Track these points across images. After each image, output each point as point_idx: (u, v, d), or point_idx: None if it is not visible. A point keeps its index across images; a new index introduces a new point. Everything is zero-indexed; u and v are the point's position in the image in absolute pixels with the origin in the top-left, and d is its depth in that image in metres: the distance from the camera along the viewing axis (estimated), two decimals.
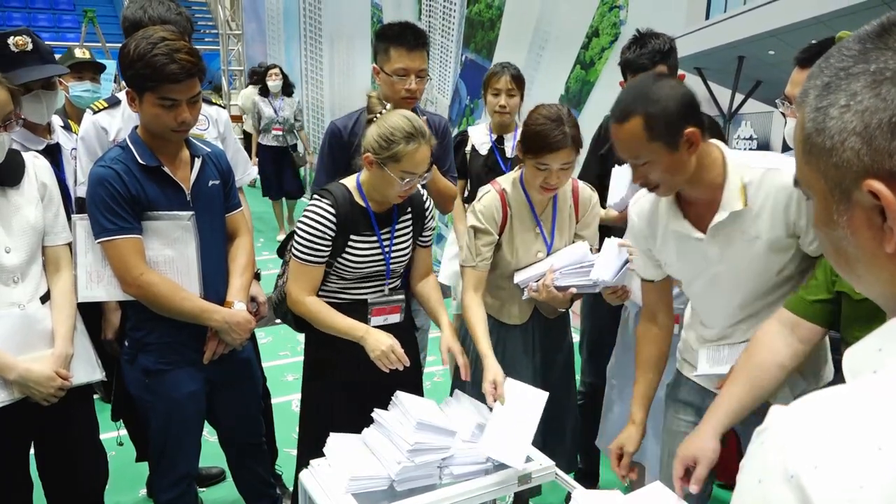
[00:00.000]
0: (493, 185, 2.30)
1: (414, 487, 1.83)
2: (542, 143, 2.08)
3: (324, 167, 2.66)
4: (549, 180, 2.14)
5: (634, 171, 1.63)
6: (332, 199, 2.08)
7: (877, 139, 0.57)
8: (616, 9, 4.41)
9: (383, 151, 1.99)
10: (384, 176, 2.02)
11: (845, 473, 0.49)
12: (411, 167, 2.00)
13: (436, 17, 6.31)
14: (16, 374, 1.91)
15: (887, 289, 0.61)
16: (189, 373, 2.15)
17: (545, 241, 2.30)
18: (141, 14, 2.40)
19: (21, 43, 2.36)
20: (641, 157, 1.58)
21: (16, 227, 1.96)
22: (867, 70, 0.58)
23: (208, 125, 2.62)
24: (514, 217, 2.27)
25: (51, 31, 13.65)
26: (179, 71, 1.91)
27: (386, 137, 1.99)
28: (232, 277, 2.23)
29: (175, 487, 2.22)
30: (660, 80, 1.59)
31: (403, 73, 2.51)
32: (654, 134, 1.54)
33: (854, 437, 0.50)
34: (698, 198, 1.69)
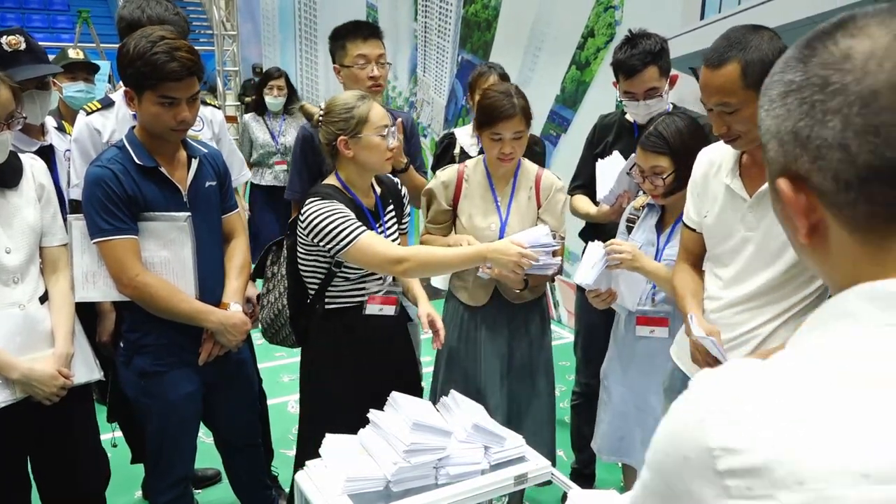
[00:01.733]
0: (460, 164, 2.55)
1: (410, 488, 1.82)
2: (494, 113, 2.28)
3: (297, 172, 2.66)
4: (504, 150, 2.31)
5: (717, 118, 1.65)
6: (327, 196, 2.08)
7: (786, 144, 0.62)
8: (611, 9, 4.41)
9: (349, 122, 2.06)
10: (365, 145, 2.07)
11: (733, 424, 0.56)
12: (380, 119, 2.08)
13: (432, 18, 6.31)
14: (18, 374, 1.91)
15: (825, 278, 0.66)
16: (185, 374, 2.14)
17: (499, 216, 2.43)
18: (139, 14, 2.39)
19: (14, 42, 2.35)
20: (732, 104, 1.60)
21: (15, 228, 1.97)
22: (783, 79, 0.63)
23: (203, 126, 2.61)
24: (472, 190, 2.46)
25: (45, 31, 13.62)
26: (180, 69, 1.91)
27: (343, 110, 2.08)
28: (228, 279, 2.23)
29: (172, 490, 2.22)
30: (759, 31, 1.66)
31: (364, 61, 2.57)
32: (750, 81, 1.57)
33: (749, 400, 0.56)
34: (758, 162, 1.73)
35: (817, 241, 0.63)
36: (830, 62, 0.59)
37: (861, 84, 0.57)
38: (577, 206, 2.71)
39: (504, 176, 2.44)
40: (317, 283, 2.18)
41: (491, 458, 1.94)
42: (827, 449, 0.51)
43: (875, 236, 0.59)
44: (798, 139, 0.61)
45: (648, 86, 2.41)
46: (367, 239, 2.03)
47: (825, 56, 0.60)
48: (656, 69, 2.40)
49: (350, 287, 2.18)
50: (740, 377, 0.58)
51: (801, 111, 0.60)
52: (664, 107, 2.49)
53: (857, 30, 0.59)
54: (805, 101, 0.60)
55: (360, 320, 2.20)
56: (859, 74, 0.57)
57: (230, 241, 2.29)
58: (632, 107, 2.49)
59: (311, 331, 2.25)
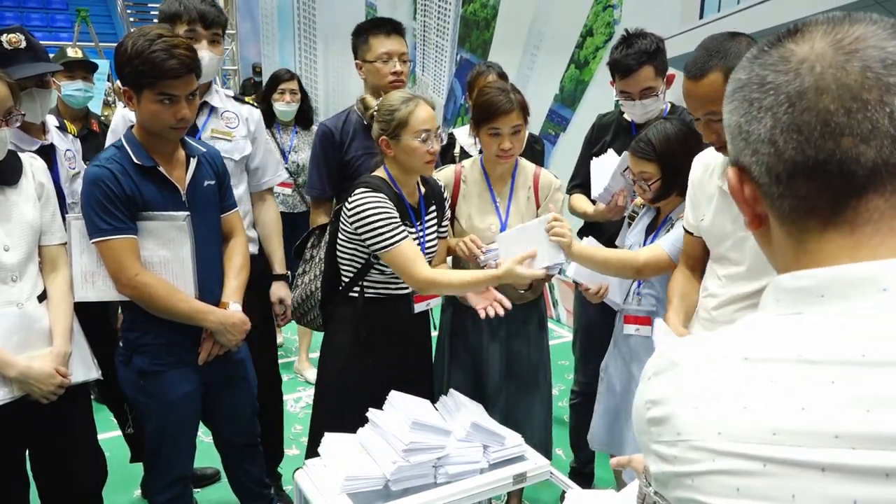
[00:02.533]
0: (457, 164, 2.54)
1: (409, 487, 1.83)
2: (492, 108, 2.28)
3: (317, 169, 2.67)
4: (503, 145, 2.30)
5: (706, 128, 1.67)
6: (375, 188, 2.11)
7: (734, 137, 0.67)
8: (610, 8, 4.42)
9: (390, 124, 2.09)
10: (404, 148, 2.10)
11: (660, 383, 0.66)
12: (421, 123, 2.08)
13: (431, 17, 6.31)
14: (16, 372, 1.91)
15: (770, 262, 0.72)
16: (184, 374, 2.14)
17: (499, 216, 2.42)
18: (177, 6, 2.43)
19: (15, 41, 2.35)
20: (718, 113, 1.61)
21: (14, 226, 1.97)
22: (735, 77, 0.68)
23: (238, 123, 2.62)
24: (469, 191, 2.45)
25: (44, 30, 13.61)
26: (179, 66, 1.91)
27: (387, 111, 2.10)
28: (227, 278, 2.23)
29: (171, 489, 2.22)
30: (737, 37, 1.66)
31: (387, 57, 2.58)
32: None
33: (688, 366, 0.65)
34: None
35: (763, 230, 0.69)
36: (770, 63, 0.64)
37: (791, 85, 0.61)
38: (575, 205, 2.72)
39: (502, 176, 2.44)
40: (353, 271, 2.22)
41: (490, 457, 1.94)
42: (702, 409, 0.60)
43: (795, 229, 0.64)
44: (741, 133, 0.65)
45: (644, 85, 2.41)
46: (405, 247, 2.09)
47: (767, 58, 0.64)
48: (652, 69, 2.40)
49: (385, 279, 2.22)
50: (683, 345, 0.67)
51: (743, 107, 0.65)
52: (661, 106, 2.49)
53: (802, 35, 0.63)
54: (746, 99, 0.65)
55: (391, 311, 2.25)
56: (791, 76, 0.61)
57: (229, 240, 2.29)
58: (628, 106, 2.49)
59: (337, 316, 2.29)
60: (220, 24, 2.50)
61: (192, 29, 2.44)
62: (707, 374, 0.62)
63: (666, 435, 0.63)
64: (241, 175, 2.60)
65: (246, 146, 2.59)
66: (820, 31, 0.63)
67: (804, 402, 0.56)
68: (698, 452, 0.60)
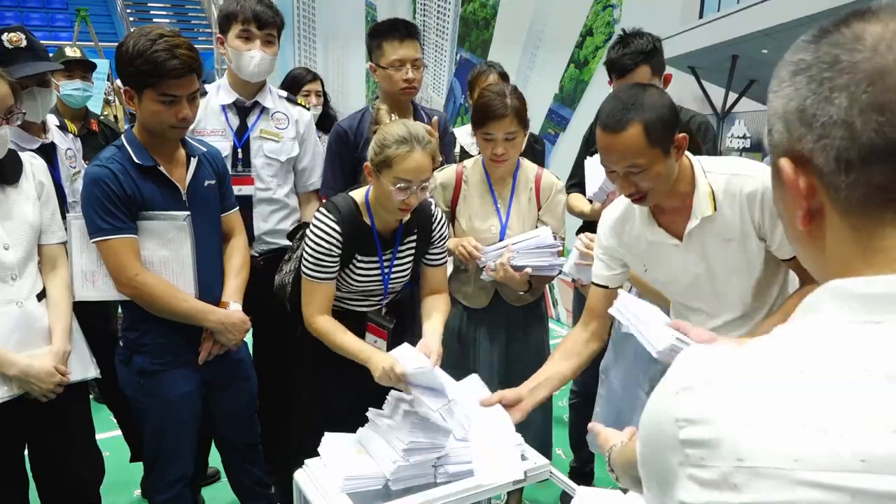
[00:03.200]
0: (458, 164, 2.52)
1: (409, 486, 1.83)
2: (486, 112, 2.26)
3: (332, 169, 2.68)
4: (496, 150, 2.28)
5: (624, 181, 1.62)
6: (337, 216, 2.03)
7: (791, 124, 0.62)
8: (610, 7, 4.42)
9: (377, 157, 1.95)
10: (381, 186, 1.96)
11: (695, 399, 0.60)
12: (403, 172, 1.91)
13: (430, 16, 6.31)
14: (16, 370, 1.92)
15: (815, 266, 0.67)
16: (184, 374, 2.14)
17: (500, 218, 2.41)
18: (234, 6, 2.50)
19: (15, 39, 2.36)
20: (640, 165, 1.58)
21: (14, 225, 1.97)
22: (792, 60, 0.64)
23: (287, 124, 2.64)
24: (470, 192, 2.43)
25: (43, 29, 13.59)
26: (181, 66, 1.91)
27: (380, 143, 1.95)
28: (227, 278, 2.23)
29: (170, 489, 2.22)
30: (647, 89, 1.62)
31: (399, 64, 2.56)
32: (653, 140, 1.55)
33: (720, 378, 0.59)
34: (670, 206, 1.72)
35: (814, 229, 0.64)
36: (841, 42, 0.60)
37: (870, 63, 0.58)
38: (573, 204, 2.72)
39: (503, 177, 2.43)
40: None
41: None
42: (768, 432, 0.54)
43: (867, 221, 0.60)
44: (803, 117, 0.61)
45: None
46: (315, 287, 2.06)
47: (836, 37, 0.61)
48: (648, 68, 2.40)
49: (342, 296, 2.17)
50: (714, 358, 0.61)
51: (809, 89, 0.61)
52: None
53: (870, 16, 0.60)
54: (813, 79, 0.61)
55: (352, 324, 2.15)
56: (869, 54, 0.58)
57: (229, 240, 2.29)
58: None
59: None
60: (274, 24, 2.53)
61: (247, 29, 2.50)
62: (763, 392, 0.56)
63: (715, 460, 0.56)
64: (285, 176, 2.65)
65: (293, 148, 2.64)
66: (887, 13, 0.60)
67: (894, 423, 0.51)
68: (770, 481, 0.53)
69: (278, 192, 2.64)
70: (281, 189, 2.65)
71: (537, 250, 2.31)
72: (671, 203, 1.71)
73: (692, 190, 1.68)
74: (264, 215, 2.63)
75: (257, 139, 2.59)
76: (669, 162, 1.60)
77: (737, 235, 1.67)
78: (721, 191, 1.67)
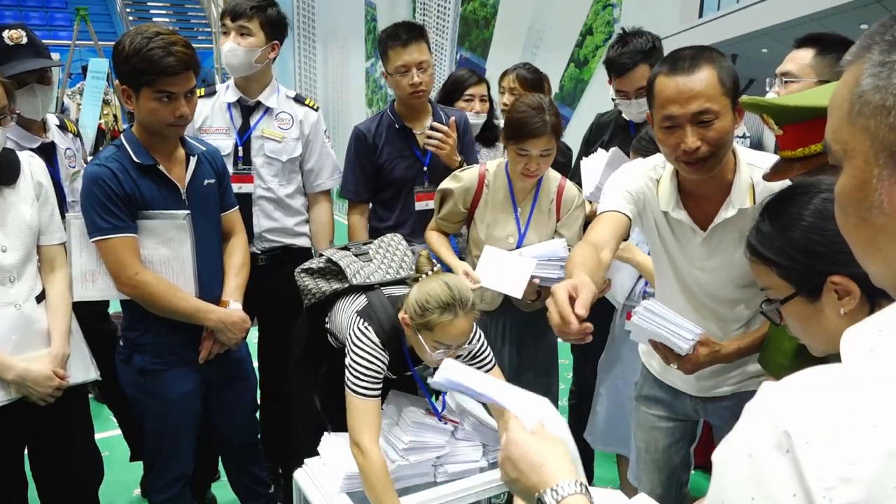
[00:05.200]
0: (480, 164, 2.45)
1: (409, 486, 1.83)
2: (523, 129, 2.19)
3: (352, 172, 2.70)
4: (530, 166, 2.23)
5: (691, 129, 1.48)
6: (383, 341, 1.92)
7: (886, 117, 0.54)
8: (610, 7, 4.41)
9: (417, 318, 1.83)
10: (418, 341, 1.86)
11: (838, 450, 0.48)
12: (444, 338, 1.82)
13: (430, 16, 6.30)
14: (14, 374, 1.91)
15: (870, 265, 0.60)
16: (184, 373, 2.14)
17: (518, 228, 2.37)
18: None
19: (16, 36, 2.36)
20: (713, 111, 1.47)
21: (12, 227, 1.96)
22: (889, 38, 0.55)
23: (291, 125, 2.65)
24: (491, 198, 2.38)
25: (43, 28, 13.59)
26: (177, 63, 1.91)
27: (422, 304, 1.82)
28: (227, 277, 2.23)
29: (170, 488, 2.22)
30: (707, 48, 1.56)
31: (404, 70, 2.56)
32: (725, 88, 1.48)
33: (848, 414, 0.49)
34: (703, 192, 1.63)
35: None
36: None
37: None
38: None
39: (525, 186, 2.37)
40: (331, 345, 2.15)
41: (489, 456, 1.95)
42: None
43: None
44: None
45: (639, 84, 2.39)
46: (363, 404, 1.88)
47: None
48: (647, 68, 2.39)
49: None
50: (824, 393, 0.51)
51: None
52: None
53: None
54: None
55: None
56: None
57: (229, 239, 2.29)
58: (624, 105, 2.49)
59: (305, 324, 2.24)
60: (247, 16, 2.53)
61: (224, 23, 2.56)
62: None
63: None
64: (288, 176, 2.66)
65: (296, 148, 2.64)
66: None
67: None
68: None
69: (280, 191, 2.64)
70: (283, 188, 2.65)
71: (547, 262, 2.27)
72: (707, 188, 1.61)
73: (732, 178, 1.60)
74: (265, 214, 2.64)
75: (259, 138, 2.60)
76: (734, 122, 1.51)
77: None
78: (761, 185, 1.58)
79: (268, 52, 2.59)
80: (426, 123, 2.67)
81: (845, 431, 0.48)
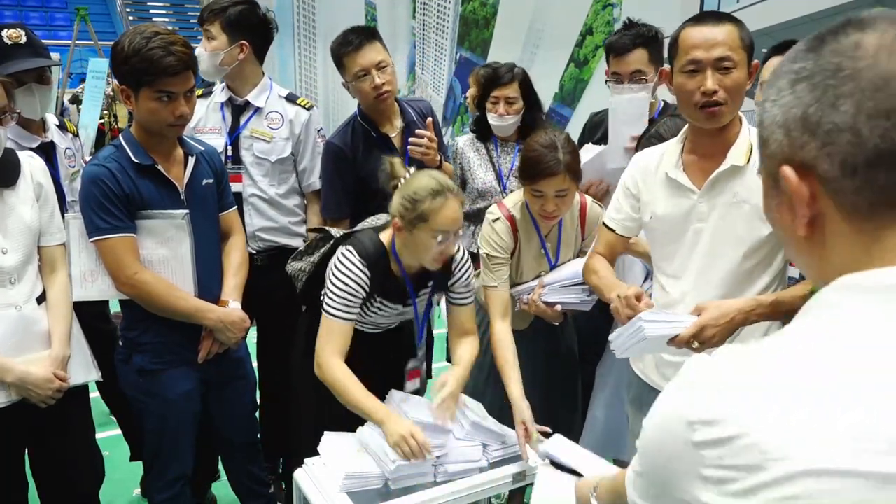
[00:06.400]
0: (500, 208, 2.26)
1: (409, 486, 1.83)
2: (535, 168, 2.07)
3: (332, 190, 2.62)
4: (546, 207, 2.10)
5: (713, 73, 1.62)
6: (366, 260, 1.96)
7: (792, 132, 0.63)
8: (610, 6, 4.42)
9: (409, 213, 1.86)
10: (416, 240, 1.90)
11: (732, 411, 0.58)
12: (442, 224, 1.86)
13: (430, 16, 6.30)
14: (14, 377, 1.91)
15: (811, 271, 0.69)
16: (184, 372, 2.14)
17: (549, 262, 2.30)
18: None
19: (15, 36, 2.36)
20: (733, 59, 1.62)
21: (12, 228, 1.95)
22: (791, 69, 0.64)
23: (281, 124, 2.63)
24: (522, 240, 2.26)
25: (43, 28, 13.59)
26: (177, 63, 1.91)
27: (411, 198, 1.86)
28: (226, 276, 2.23)
29: (169, 488, 2.22)
30: None
31: (363, 73, 2.50)
32: (744, 44, 1.64)
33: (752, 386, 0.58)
34: (706, 150, 1.72)
35: (813, 234, 0.65)
36: (841, 50, 0.61)
37: (873, 71, 0.59)
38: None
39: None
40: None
41: (489, 455, 1.94)
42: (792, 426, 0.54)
43: (871, 225, 0.61)
44: (807, 125, 0.62)
45: (635, 67, 2.39)
46: (335, 326, 1.95)
47: (836, 45, 0.62)
48: (646, 53, 2.39)
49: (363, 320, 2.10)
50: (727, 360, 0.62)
51: (813, 97, 0.62)
52: (649, 98, 2.46)
53: (865, 25, 0.62)
54: (816, 87, 0.61)
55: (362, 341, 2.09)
56: (871, 62, 0.59)
57: (227, 238, 2.29)
58: (616, 90, 2.45)
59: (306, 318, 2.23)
60: (208, 20, 2.52)
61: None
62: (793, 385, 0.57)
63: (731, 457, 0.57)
64: (279, 176, 2.64)
65: (285, 148, 2.62)
66: (880, 22, 0.62)
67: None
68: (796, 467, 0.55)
69: (270, 190, 2.63)
70: (274, 188, 2.63)
71: (568, 287, 2.23)
72: (710, 145, 1.72)
73: (734, 139, 1.71)
74: (258, 212, 2.63)
75: (248, 138, 2.59)
76: (746, 80, 1.66)
77: (753, 200, 1.65)
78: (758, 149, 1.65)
79: (235, 54, 2.54)
80: (397, 123, 2.64)
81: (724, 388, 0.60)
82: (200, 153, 2.17)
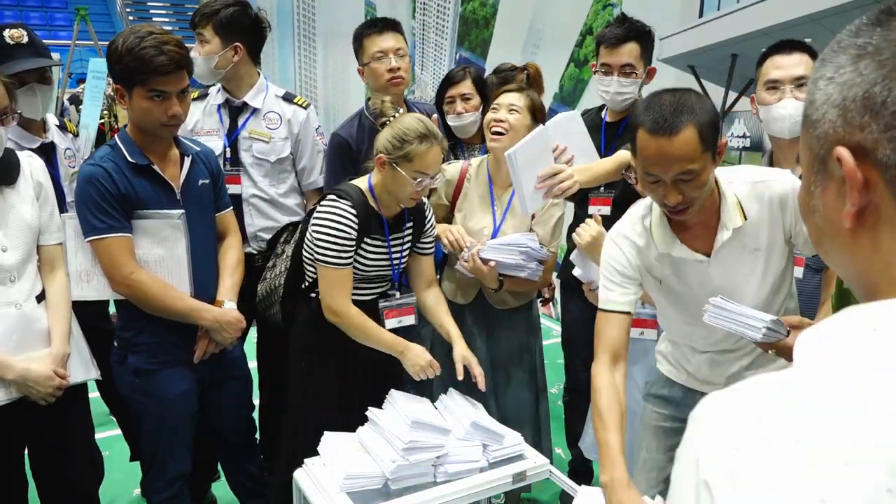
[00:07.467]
0: (465, 161, 2.51)
1: (408, 486, 1.83)
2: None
3: (336, 180, 2.59)
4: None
5: (672, 189, 1.51)
6: (350, 200, 2.07)
7: (850, 112, 0.57)
8: (610, 6, 4.41)
9: (396, 151, 2.01)
10: (397, 177, 2.04)
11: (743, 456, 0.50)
12: (423, 167, 2.02)
13: (430, 16, 6.31)
14: (14, 374, 1.91)
15: (849, 268, 0.62)
16: (180, 372, 2.14)
17: (494, 220, 2.40)
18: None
19: (16, 35, 2.36)
20: (694, 171, 1.49)
21: (12, 226, 1.96)
22: (854, 44, 0.58)
23: (279, 124, 2.63)
24: (471, 190, 2.44)
25: (43, 28, 13.59)
26: (169, 63, 1.91)
27: (399, 137, 2.01)
28: (222, 276, 2.23)
29: (168, 488, 2.21)
30: (686, 91, 1.54)
31: (381, 55, 2.55)
32: (706, 144, 1.49)
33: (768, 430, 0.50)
34: (695, 221, 1.63)
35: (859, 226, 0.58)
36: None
37: None
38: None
39: (505, 181, 2.38)
40: (314, 273, 2.17)
41: (489, 455, 1.94)
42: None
43: None
44: (868, 105, 0.55)
45: (626, 60, 2.37)
46: (339, 274, 2.08)
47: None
48: (638, 47, 2.38)
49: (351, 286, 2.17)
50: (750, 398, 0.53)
51: (879, 74, 0.55)
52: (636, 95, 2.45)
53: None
54: (884, 64, 0.55)
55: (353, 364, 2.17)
56: None
57: (223, 239, 2.29)
58: (605, 83, 2.43)
59: (297, 315, 2.25)
60: (198, 23, 2.52)
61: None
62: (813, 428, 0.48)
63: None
64: (279, 176, 2.65)
65: (284, 148, 2.62)
66: None
67: None
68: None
69: (270, 191, 2.63)
70: (274, 188, 2.64)
71: (510, 247, 2.30)
72: (699, 217, 1.62)
73: (718, 202, 1.62)
74: (258, 212, 2.63)
75: (246, 139, 2.60)
76: (713, 168, 1.54)
77: (764, 244, 1.63)
78: (746, 199, 1.61)
79: (229, 56, 2.53)
80: None
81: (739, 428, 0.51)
82: (196, 153, 2.17)
